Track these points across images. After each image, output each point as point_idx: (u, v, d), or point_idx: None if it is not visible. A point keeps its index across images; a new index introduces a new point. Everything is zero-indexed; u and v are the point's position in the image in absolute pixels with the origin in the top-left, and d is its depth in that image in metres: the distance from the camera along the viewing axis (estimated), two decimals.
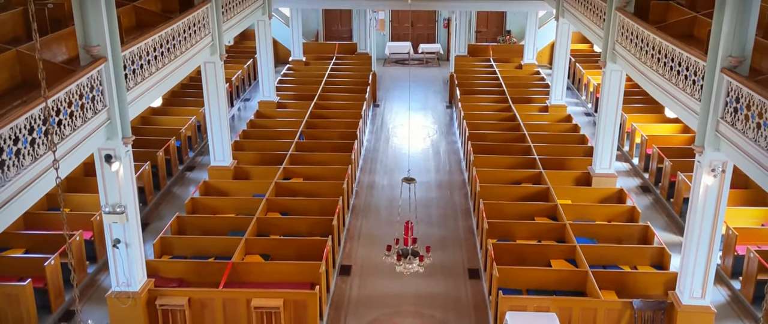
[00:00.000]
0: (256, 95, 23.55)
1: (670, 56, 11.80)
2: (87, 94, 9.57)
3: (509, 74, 25.23)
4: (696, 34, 13.01)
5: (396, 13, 30.38)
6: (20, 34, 11.57)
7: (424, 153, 20.00)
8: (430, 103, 24.64)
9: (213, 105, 16.12)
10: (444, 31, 30.45)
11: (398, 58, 29.90)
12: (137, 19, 13.78)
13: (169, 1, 15.11)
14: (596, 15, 16.37)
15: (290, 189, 15.64)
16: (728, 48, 9.87)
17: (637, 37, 13.38)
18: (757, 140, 8.86)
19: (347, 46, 28.89)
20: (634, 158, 18.53)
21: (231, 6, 16.76)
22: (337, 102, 22.11)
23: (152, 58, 11.81)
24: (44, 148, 8.38)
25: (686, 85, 11.18)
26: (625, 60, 14.24)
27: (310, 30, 30.40)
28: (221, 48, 15.57)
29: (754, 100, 8.97)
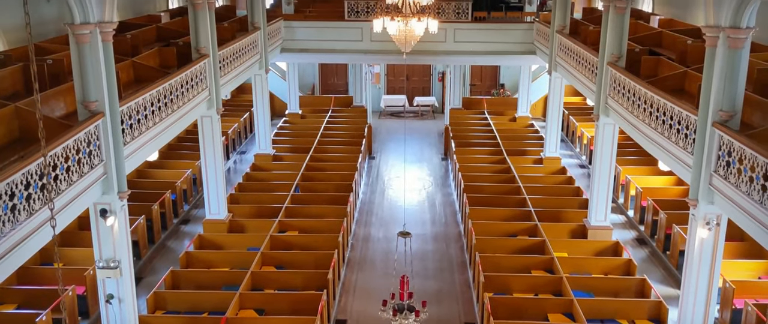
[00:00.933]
0: (253, 148, 23.65)
1: (662, 110, 11.96)
2: (84, 149, 9.62)
3: (504, 127, 25.44)
4: (687, 89, 13.21)
5: (391, 67, 30.78)
6: (19, 89, 11.67)
7: (419, 205, 20.00)
8: (426, 155, 24.76)
9: (209, 158, 16.18)
10: (439, 84, 30.82)
11: (394, 110, 30.18)
12: (135, 73, 13.94)
13: (167, 57, 15.31)
14: (588, 69, 16.63)
15: (285, 242, 15.58)
16: (719, 102, 10.04)
17: (629, 91, 13.57)
18: (750, 194, 8.92)
19: (343, 99, 29.17)
20: (630, 210, 18.56)
21: (228, 61, 16.99)
22: (333, 154, 22.22)
23: (149, 112, 11.91)
24: (40, 203, 8.38)
25: (678, 139, 11.30)
26: (618, 113, 14.42)
27: (306, 83, 30.73)
28: (218, 102, 15.72)
29: (746, 154, 9.07)
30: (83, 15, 9.70)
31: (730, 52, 9.82)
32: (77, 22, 9.71)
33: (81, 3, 9.60)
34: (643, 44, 16.15)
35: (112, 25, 10.16)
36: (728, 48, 9.81)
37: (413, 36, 13.89)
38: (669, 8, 21.23)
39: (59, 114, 11.03)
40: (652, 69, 14.56)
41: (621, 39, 14.74)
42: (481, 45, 23.37)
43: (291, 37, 23.47)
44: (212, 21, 15.13)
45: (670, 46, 16.08)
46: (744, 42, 9.76)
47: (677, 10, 20.39)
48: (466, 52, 23.55)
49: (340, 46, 23.57)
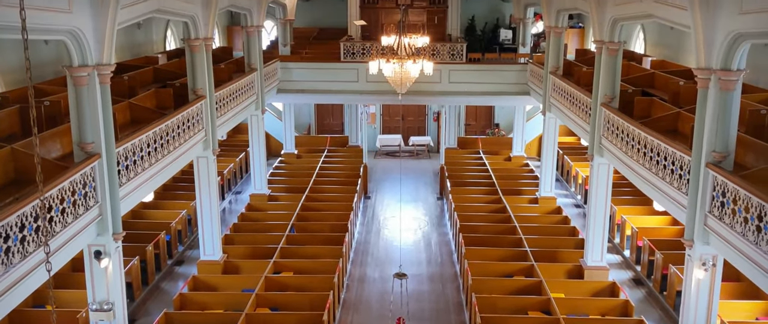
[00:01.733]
0: (248, 188, 23.64)
1: (655, 151, 12.03)
2: (80, 191, 9.61)
3: (499, 166, 25.52)
4: (680, 130, 13.31)
5: (387, 107, 30.97)
6: (16, 131, 11.70)
7: (415, 245, 19.94)
8: (421, 194, 24.77)
9: (204, 199, 16.16)
10: (434, 124, 30.99)
11: (389, 150, 30.27)
12: (132, 115, 14.01)
13: (164, 98, 15.39)
14: (582, 110, 16.77)
15: (280, 283, 15.47)
16: (712, 143, 10.11)
17: (623, 131, 13.67)
18: (746, 234, 8.94)
19: (339, 139, 29.28)
20: (626, 250, 18.52)
21: (225, 102, 17.09)
22: (328, 194, 22.21)
23: (146, 153, 11.93)
24: (34, 245, 8.34)
25: (673, 180, 11.35)
26: (612, 154, 14.49)
27: (302, 123, 30.87)
28: (214, 143, 15.76)
29: (740, 195, 9.10)
30: (81, 57, 9.79)
31: (722, 94, 9.93)
32: (75, 64, 9.80)
33: (79, 46, 9.70)
34: (636, 85, 16.31)
35: (109, 68, 10.26)
36: (720, 90, 9.93)
37: (408, 78, 14.01)
38: (661, 49, 21.51)
39: (55, 155, 11.05)
40: (645, 110, 14.69)
41: (614, 80, 14.92)
42: (475, 85, 23.59)
43: (287, 78, 23.66)
44: (209, 63, 15.26)
45: (662, 87, 16.25)
46: (735, 84, 9.88)
47: (669, 52, 20.66)
48: (461, 93, 23.75)
49: (336, 87, 23.76)
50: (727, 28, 9.58)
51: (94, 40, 9.96)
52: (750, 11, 9.07)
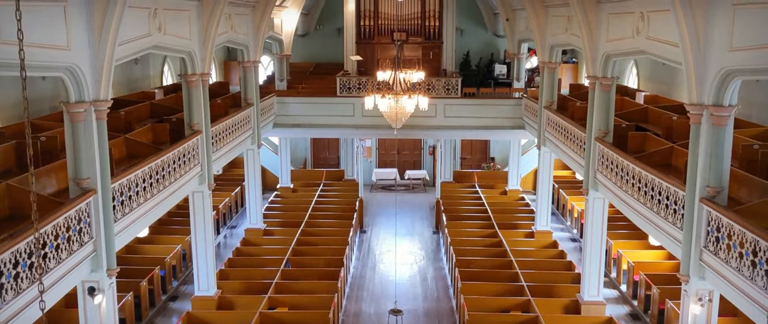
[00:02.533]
0: (243, 222, 23.57)
1: (650, 186, 12.08)
2: (74, 227, 9.59)
3: (494, 200, 25.52)
4: (674, 164, 13.39)
5: (382, 141, 31.07)
6: (11, 166, 11.71)
7: (411, 279, 19.84)
8: (417, 228, 24.72)
9: (199, 234, 16.10)
10: (430, 157, 31.08)
11: (385, 184, 30.29)
12: (128, 150, 14.03)
13: (160, 133, 15.45)
14: (576, 144, 16.86)
15: (275, 319, 15.34)
16: (705, 178, 10.17)
17: (617, 166, 13.74)
18: (741, 270, 8.94)
19: (335, 172, 29.30)
20: (622, 285, 18.45)
21: (221, 136, 17.14)
22: (324, 228, 22.15)
23: (141, 189, 11.93)
24: (28, 281, 8.30)
25: (668, 214, 11.38)
26: (607, 188, 14.54)
27: (298, 157, 30.92)
28: (210, 178, 15.77)
29: (735, 230, 9.13)
30: (78, 94, 9.86)
31: (715, 130, 10.02)
32: (72, 100, 9.86)
33: (77, 82, 9.77)
34: (630, 120, 16.44)
35: (106, 104, 10.32)
36: (712, 125, 10.02)
37: (404, 113, 14.11)
38: (654, 84, 21.71)
39: (51, 191, 11.04)
40: (639, 144, 14.79)
41: (608, 115, 15.04)
42: (471, 120, 23.72)
43: (284, 113, 23.76)
44: (206, 98, 15.35)
45: (656, 121, 16.38)
46: (727, 119, 9.97)
47: (662, 87, 20.86)
48: (457, 127, 23.87)
49: (332, 121, 23.87)
50: (718, 65, 9.72)
51: (91, 77, 10.04)
52: (739, 48, 9.21)
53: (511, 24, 25.34)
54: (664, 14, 11.27)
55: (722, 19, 9.58)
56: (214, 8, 15.06)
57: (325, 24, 31.37)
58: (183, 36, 14.26)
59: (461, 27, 30.11)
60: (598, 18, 15.03)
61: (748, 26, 9.03)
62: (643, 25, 12.67)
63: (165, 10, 13.12)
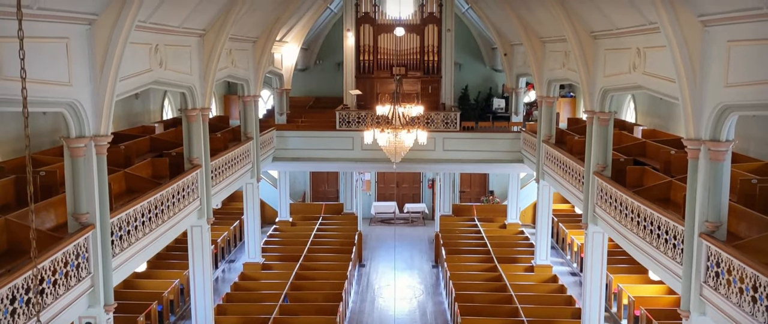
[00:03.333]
0: (242, 256, 23.47)
1: (649, 220, 12.08)
2: (72, 262, 9.56)
3: (494, 234, 25.46)
4: (673, 198, 13.39)
5: (382, 175, 31.11)
6: (10, 201, 11.70)
7: (410, 314, 19.69)
8: (416, 262, 24.62)
9: (197, 269, 16.03)
10: (429, 191, 31.08)
11: (384, 217, 30.24)
12: (127, 184, 14.03)
13: (160, 167, 15.47)
14: (575, 178, 16.89)
15: None
16: (704, 213, 10.17)
17: (616, 200, 13.74)
18: (741, 305, 8.90)
19: (334, 206, 29.28)
20: (623, 320, 18.31)
21: (220, 170, 17.17)
22: (322, 262, 22.05)
23: (140, 223, 11.92)
24: (24, 317, 8.24)
25: (667, 249, 11.35)
26: (606, 222, 14.53)
27: (297, 191, 30.91)
28: (209, 212, 15.75)
29: (734, 265, 9.11)
30: (79, 129, 9.91)
31: (712, 164, 10.06)
32: (73, 135, 9.91)
33: (77, 117, 9.83)
34: (628, 154, 16.49)
35: (106, 139, 10.37)
36: (710, 160, 10.05)
37: (403, 147, 14.16)
38: (652, 118, 21.82)
39: (49, 225, 11.03)
40: (637, 178, 14.81)
41: (606, 149, 15.10)
42: (469, 153, 23.79)
43: (283, 146, 23.83)
44: (205, 132, 15.42)
45: (654, 155, 16.42)
46: (725, 154, 10.01)
47: (660, 121, 20.96)
48: (456, 161, 23.92)
49: (331, 155, 23.93)
50: (714, 100, 9.79)
51: (92, 112, 10.10)
52: (735, 84, 9.30)
53: (509, 59, 25.58)
54: (661, 50, 11.39)
55: (718, 55, 9.69)
56: (215, 43, 15.22)
57: (325, 59, 31.67)
58: (184, 71, 14.37)
59: (460, 61, 30.41)
60: (594, 53, 15.19)
61: (744, 62, 9.13)
62: (640, 60, 12.80)
63: (166, 46, 13.25)
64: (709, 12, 9.61)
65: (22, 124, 13.65)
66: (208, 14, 14.66)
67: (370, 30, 26.01)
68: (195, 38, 14.95)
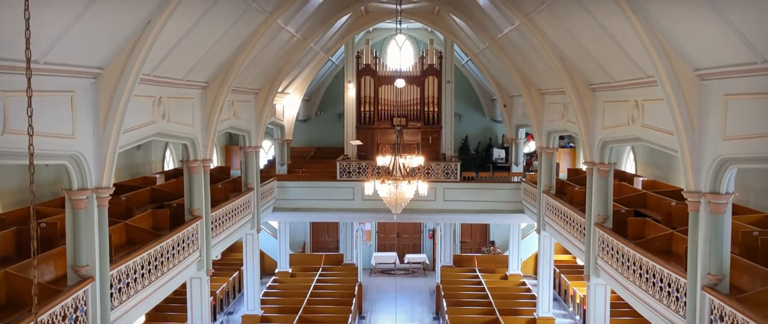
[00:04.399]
0: (240, 308, 23.22)
1: (651, 272, 12.02)
2: (71, 315, 9.49)
3: (495, 285, 25.24)
4: (674, 250, 13.35)
5: (382, 225, 31.01)
6: (10, 254, 11.66)
7: None
8: (417, 314, 24.34)
9: (196, 322, 15.86)
10: (429, 241, 30.94)
11: (384, 268, 30.03)
12: (127, 236, 14.00)
13: (160, 218, 15.46)
14: (576, 229, 16.85)
15: None
16: (706, 266, 10.13)
17: (618, 252, 13.70)
18: None
19: (334, 256, 29.10)
20: None
21: (220, 221, 17.15)
22: (322, 314, 21.79)
23: (139, 276, 11.86)
24: None
25: (670, 302, 11.27)
26: (608, 274, 14.44)
27: (297, 241, 30.78)
28: (208, 263, 15.68)
29: (738, 319, 9.03)
30: (81, 181, 9.95)
31: (713, 217, 10.06)
32: (75, 188, 9.95)
33: (80, 169, 9.88)
34: (629, 205, 16.49)
35: (108, 191, 10.41)
36: (711, 213, 10.06)
37: (403, 199, 14.18)
38: (652, 169, 21.88)
39: (49, 278, 10.97)
40: (638, 230, 14.78)
41: (606, 200, 15.11)
42: (470, 204, 23.78)
43: (284, 197, 23.85)
44: (206, 183, 15.46)
45: (654, 207, 16.42)
46: (725, 207, 10.03)
47: (660, 172, 21.01)
48: (456, 211, 23.90)
49: (331, 205, 23.93)
50: (713, 153, 9.86)
51: (94, 164, 10.16)
52: (733, 137, 9.37)
53: (509, 110, 25.80)
54: (658, 103, 11.50)
55: (715, 109, 9.79)
56: (218, 96, 15.39)
57: (326, 109, 31.95)
58: (186, 123, 14.50)
59: (460, 112, 30.67)
60: (593, 105, 15.34)
61: (741, 116, 9.22)
62: (638, 113, 12.92)
63: (169, 98, 13.40)
64: (705, 66, 9.76)
65: (24, 175, 13.73)
66: (211, 67, 14.88)
67: (371, 81, 26.32)
68: (198, 90, 15.13)
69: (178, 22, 11.08)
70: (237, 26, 14.00)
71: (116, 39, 10.04)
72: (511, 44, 18.53)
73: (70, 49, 9.11)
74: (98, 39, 9.67)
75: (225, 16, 13.05)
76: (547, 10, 13.41)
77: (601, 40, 12.49)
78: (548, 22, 14.09)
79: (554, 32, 14.42)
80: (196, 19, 11.85)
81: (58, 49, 8.83)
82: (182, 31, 11.80)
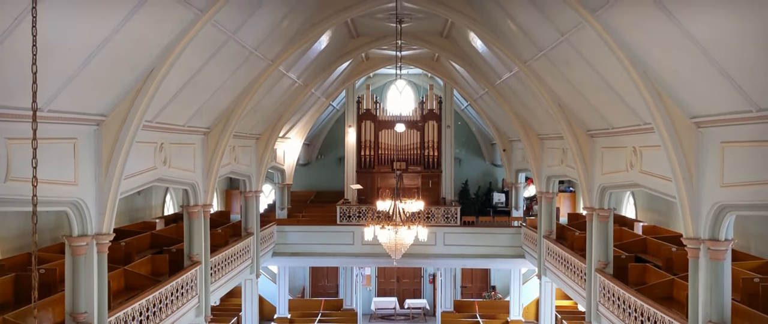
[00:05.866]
0: None
1: (652, 319, 11.94)
2: None
3: None
4: (676, 297, 13.27)
5: (382, 269, 30.84)
6: (8, 300, 11.61)
7: None
8: None
9: None
10: (430, 286, 30.71)
11: (384, 313, 29.73)
12: (127, 281, 13.94)
13: (160, 264, 15.41)
14: (577, 275, 16.77)
15: None
16: (707, 313, 10.08)
17: (619, 298, 13.62)
18: None
19: (333, 302, 28.86)
20: None
21: (220, 267, 17.09)
22: None
23: (138, 322, 11.78)
24: None
25: None
26: (610, 321, 14.32)
27: (296, 286, 30.56)
28: (207, 309, 15.58)
29: None
30: (81, 227, 9.98)
31: (713, 264, 10.05)
32: (75, 234, 9.97)
33: (81, 216, 9.92)
34: (629, 250, 16.44)
35: (108, 237, 10.43)
36: (710, 260, 10.05)
37: (403, 244, 14.14)
38: (651, 214, 21.86)
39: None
40: (639, 276, 14.71)
41: (607, 245, 15.09)
42: (470, 248, 23.70)
43: (283, 241, 23.78)
44: (206, 229, 15.46)
45: (655, 252, 16.37)
46: (725, 253, 10.02)
47: (660, 217, 20.99)
48: (457, 255, 23.81)
49: (331, 250, 23.84)
50: (711, 200, 9.89)
51: (95, 211, 10.20)
52: (731, 184, 9.42)
53: (508, 154, 25.92)
54: (656, 149, 11.57)
55: (712, 156, 9.86)
56: (219, 141, 15.50)
57: (327, 154, 32.09)
58: (187, 168, 14.58)
59: (459, 156, 30.80)
60: (592, 151, 15.43)
61: (738, 163, 9.28)
62: (636, 159, 12.99)
63: (171, 144, 13.50)
64: (702, 114, 9.86)
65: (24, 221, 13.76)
66: (213, 113, 15.02)
67: (371, 126, 26.49)
68: (199, 136, 15.24)
69: (181, 69, 11.24)
70: (239, 73, 14.19)
71: (119, 87, 10.18)
72: (509, 90, 18.74)
73: (74, 98, 9.24)
74: (102, 87, 9.81)
75: (227, 64, 13.24)
76: (545, 58, 13.60)
77: (598, 87, 12.64)
78: (546, 69, 14.28)
79: (552, 79, 14.60)
80: (198, 67, 12.03)
81: (62, 98, 8.95)
82: (185, 78, 11.96)
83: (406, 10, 15.70)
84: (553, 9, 11.25)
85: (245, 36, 12.56)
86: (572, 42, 11.65)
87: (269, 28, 13.35)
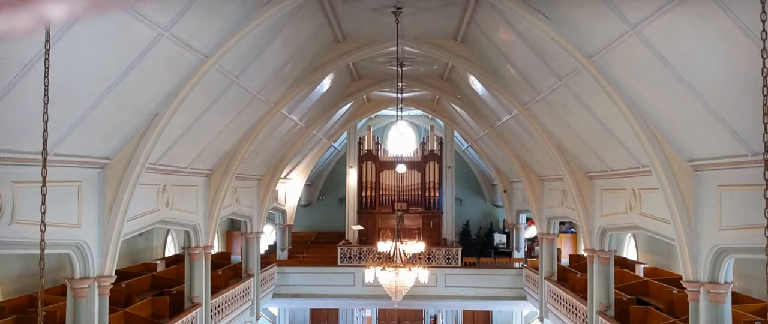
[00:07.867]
0: None
1: None
2: None
3: None
4: None
5: (383, 311, 30.65)
6: None
7: None
8: None
9: None
10: None
11: None
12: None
13: (160, 306, 15.37)
14: (579, 317, 16.69)
15: None
16: None
17: None
18: None
19: None
20: None
21: (220, 309, 17.03)
22: None
23: None
24: None
25: None
26: None
27: None
28: None
29: None
30: (83, 270, 10.02)
31: (713, 307, 10.05)
32: (77, 276, 10.01)
33: (83, 258, 9.97)
34: (631, 293, 16.40)
35: (110, 279, 10.46)
36: (710, 303, 10.05)
37: (404, 286, 14.13)
38: (652, 256, 21.82)
39: None
40: (641, 319, 14.65)
41: (608, 288, 15.06)
42: (472, 290, 23.59)
43: (284, 283, 23.71)
44: (207, 270, 15.47)
45: (656, 294, 16.33)
46: (724, 296, 10.03)
47: (661, 259, 20.95)
48: (458, 297, 23.68)
49: (332, 291, 23.74)
50: (709, 243, 9.94)
51: (98, 253, 10.25)
52: (729, 227, 9.48)
53: (509, 195, 25.97)
54: (655, 192, 11.65)
55: (710, 199, 9.95)
56: (221, 183, 15.61)
57: (328, 194, 32.18)
58: (189, 210, 14.65)
59: (460, 197, 30.85)
60: (591, 193, 15.51)
61: (735, 206, 9.36)
62: (636, 201, 13.07)
63: (173, 186, 13.61)
64: (698, 157, 9.98)
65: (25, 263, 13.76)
66: (215, 155, 15.16)
67: (372, 167, 26.65)
68: (202, 178, 15.36)
69: (185, 112, 11.40)
70: (242, 116, 14.36)
71: (124, 130, 10.33)
72: (509, 132, 18.90)
73: (79, 141, 9.38)
74: (107, 131, 9.95)
75: (231, 107, 13.42)
76: (544, 101, 13.78)
77: (596, 130, 12.78)
78: (545, 111, 14.45)
79: (551, 121, 14.76)
80: (202, 110, 12.20)
81: (68, 142, 9.09)
82: (188, 122, 12.12)
83: (407, 54, 15.96)
84: (551, 54, 11.45)
85: (248, 80, 12.77)
86: (570, 86, 11.83)
87: (272, 72, 13.57)
